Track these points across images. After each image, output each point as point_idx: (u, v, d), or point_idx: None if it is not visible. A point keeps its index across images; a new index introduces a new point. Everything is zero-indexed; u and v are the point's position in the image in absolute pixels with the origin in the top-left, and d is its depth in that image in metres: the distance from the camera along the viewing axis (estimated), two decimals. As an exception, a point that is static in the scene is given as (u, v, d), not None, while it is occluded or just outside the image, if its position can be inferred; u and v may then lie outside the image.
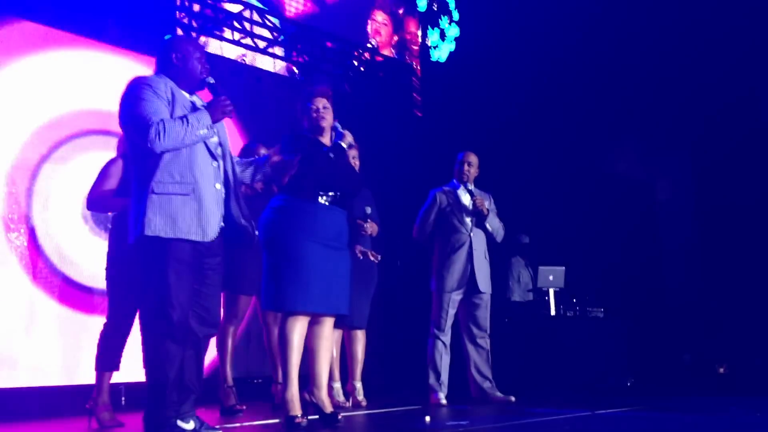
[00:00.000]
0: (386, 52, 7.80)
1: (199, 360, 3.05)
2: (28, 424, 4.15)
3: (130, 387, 5.10)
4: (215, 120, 3.05)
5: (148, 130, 2.89)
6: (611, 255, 7.93)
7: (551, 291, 6.92)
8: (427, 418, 3.71)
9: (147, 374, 2.94)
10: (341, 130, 3.63)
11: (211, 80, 3.17)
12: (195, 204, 2.98)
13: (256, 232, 3.24)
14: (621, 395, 5.34)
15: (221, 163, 3.14)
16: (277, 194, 3.60)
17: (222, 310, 4.47)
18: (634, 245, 8.21)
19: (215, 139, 3.11)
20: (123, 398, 5.19)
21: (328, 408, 3.54)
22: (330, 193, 3.56)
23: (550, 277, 6.94)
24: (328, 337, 3.58)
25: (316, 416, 3.54)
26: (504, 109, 7.78)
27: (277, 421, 3.74)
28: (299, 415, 3.39)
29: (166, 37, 3.22)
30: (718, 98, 7.58)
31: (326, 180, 3.52)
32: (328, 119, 3.66)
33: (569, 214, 7.74)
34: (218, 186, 3.09)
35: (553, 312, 6.88)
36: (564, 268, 6.98)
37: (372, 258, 4.67)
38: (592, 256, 7.75)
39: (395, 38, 7.97)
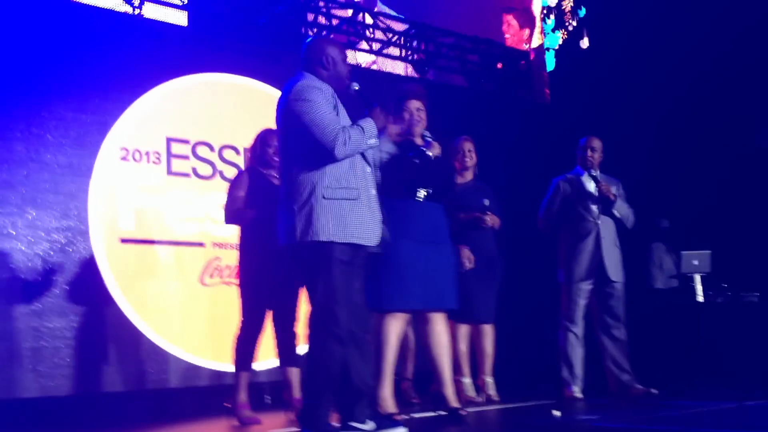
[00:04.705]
0: (519, 46, 7.70)
1: (365, 359, 3.09)
2: (175, 423, 4.43)
3: (275, 385, 5.31)
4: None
5: (336, 137, 2.98)
6: (764, 235, 7.35)
7: (697, 276, 6.54)
8: (557, 413, 3.60)
9: (309, 372, 3.01)
10: (430, 139, 3.60)
11: (356, 86, 3.22)
12: (361, 209, 3.07)
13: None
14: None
15: (373, 168, 3.23)
16: None
17: None
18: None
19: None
20: (268, 396, 5.40)
21: (454, 403, 3.53)
22: (423, 190, 3.54)
23: (695, 262, 6.56)
24: (442, 332, 3.57)
25: (445, 412, 3.55)
26: (639, 87, 7.42)
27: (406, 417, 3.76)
28: (396, 412, 3.40)
29: (309, 39, 3.30)
30: None
31: (417, 177, 3.51)
32: (421, 122, 3.66)
33: (712, 194, 7.25)
34: (373, 191, 3.17)
35: (700, 298, 6.50)
36: (710, 251, 6.57)
37: (490, 221, 4.61)
38: (743, 238, 7.22)
39: (526, 32, 7.85)
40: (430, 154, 3.56)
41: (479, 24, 7.34)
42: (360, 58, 6.78)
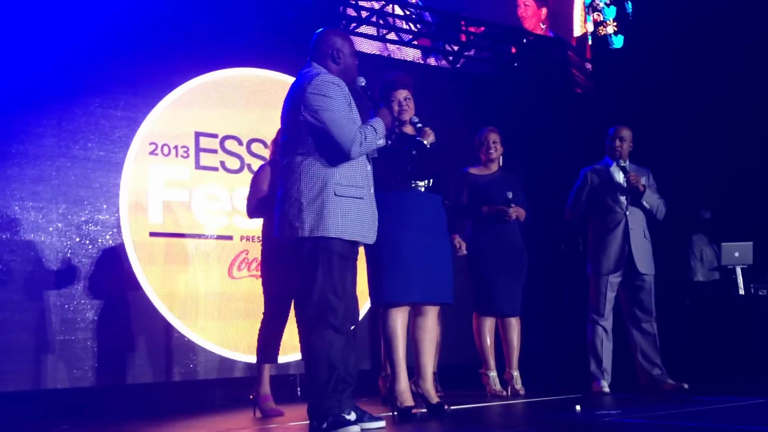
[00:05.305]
0: (538, 30, 7.56)
1: (352, 351, 3.11)
2: (201, 415, 4.49)
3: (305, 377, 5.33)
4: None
5: (351, 137, 2.99)
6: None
7: (738, 269, 6.35)
8: (578, 407, 3.54)
9: (311, 364, 2.99)
10: (421, 126, 3.56)
11: (363, 81, 3.23)
12: (365, 207, 3.09)
13: None
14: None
15: (371, 166, 3.22)
16: None
17: None
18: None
19: None
20: (299, 389, 5.43)
21: (434, 399, 3.51)
22: (423, 182, 3.51)
23: (736, 254, 6.36)
24: (432, 327, 3.55)
25: (424, 410, 3.51)
26: (683, 76, 7.22)
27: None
28: (414, 406, 3.37)
29: (319, 30, 3.26)
30: None
31: (416, 169, 3.47)
32: (409, 111, 3.62)
33: (755, 184, 7.03)
34: (372, 190, 3.19)
35: (742, 291, 6.31)
36: (751, 243, 6.37)
37: (513, 214, 4.57)
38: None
39: (543, 12, 7.70)
40: (426, 143, 3.51)
41: (494, 6, 7.21)
42: (406, 51, 6.74)
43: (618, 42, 7.66)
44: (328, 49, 3.16)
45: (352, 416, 3.04)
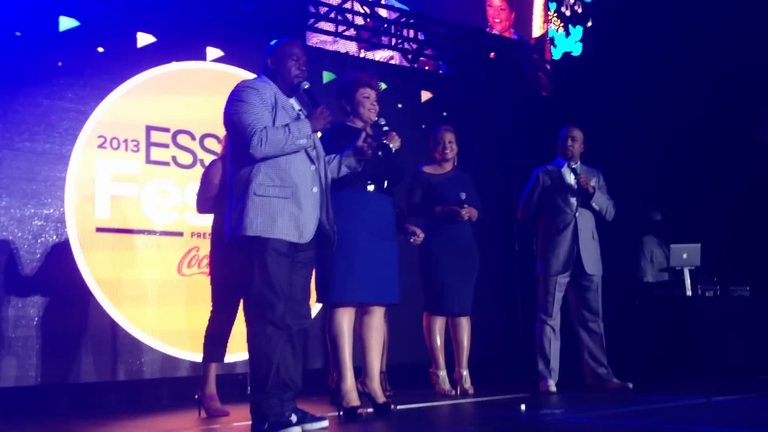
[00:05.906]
0: (508, 34, 7.63)
1: (296, 354, 3.11)
2: (145, 415, 4.41)
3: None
4: (315, 129, 3.17)
5: (252, 137, 3.03)
6: (757, 228, 7.26)
7: (686, 270, 6.47)
8: (523, 407, 3.57)
9: (252, 363, 3.04)
10: (388, 129, 3.57)
11: (306, 85, 3.27)
12: (294, 207, 3.09)
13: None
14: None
15: (318, 166, 3.22)
16: None
17: None
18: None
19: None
20: (248, 388, 5.37)
21: (381, 398, 3.52)
22: (377, 183, 3.52)
23: (684, 256, 6.48)
24: (379, 327, 3.55)
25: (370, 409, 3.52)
26: (636, 81, 7.33)
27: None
28: (359, 406, 3.37)
29: (272, 42, 3.35)
30: None
31: (374, 170, 3.48)
32: (375, 111, 3.63)
33: (706, 187, 7.17)
34: (315, 189, 3.18)
35: (689, 292, 6.43)
36: (699, 245, 6.49)
37: (466, 214, 4.58)
38: (736, 231, 7.14)
39: (512, 16, 7.78)
40: (392, 146, 3.51)
41: (463, 7, 7.26)
42: (350, 47, 6.71)
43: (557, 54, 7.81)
44: (269, 58, 3.29)
45: (293, 418, 3.04)
